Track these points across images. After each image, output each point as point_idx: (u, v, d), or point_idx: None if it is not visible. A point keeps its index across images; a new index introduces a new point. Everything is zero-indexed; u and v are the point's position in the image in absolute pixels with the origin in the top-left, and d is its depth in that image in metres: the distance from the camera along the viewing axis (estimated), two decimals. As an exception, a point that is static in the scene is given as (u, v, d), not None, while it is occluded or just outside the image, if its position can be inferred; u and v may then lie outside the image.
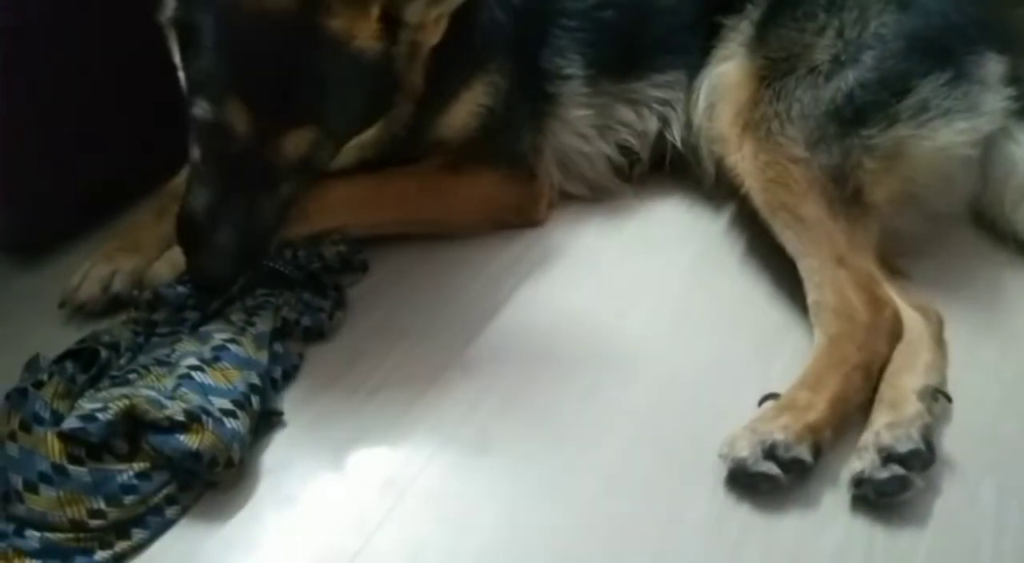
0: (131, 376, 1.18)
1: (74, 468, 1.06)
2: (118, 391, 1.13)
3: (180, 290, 1.32)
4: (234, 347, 1.21)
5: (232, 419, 1.12)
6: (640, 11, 1.65)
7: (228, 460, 1.10)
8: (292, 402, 1.26)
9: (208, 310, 1.30)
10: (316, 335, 1.35)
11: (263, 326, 1.27)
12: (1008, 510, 1.14)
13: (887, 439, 1.13)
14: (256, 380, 1.19)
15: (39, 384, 1.12)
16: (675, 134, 1.68)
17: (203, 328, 1.27)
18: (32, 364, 1.18)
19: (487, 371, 1.31)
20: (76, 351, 1.20)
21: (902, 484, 1.11)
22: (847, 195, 1.38)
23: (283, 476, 1.16)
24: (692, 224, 1.65)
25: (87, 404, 1.11)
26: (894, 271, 1.42)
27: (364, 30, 1.21)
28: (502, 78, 1.52)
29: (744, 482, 1.14)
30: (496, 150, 1.56)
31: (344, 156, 1.34)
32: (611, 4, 1.62)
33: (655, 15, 1.65)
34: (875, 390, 1.24)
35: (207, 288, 1.29)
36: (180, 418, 1.09)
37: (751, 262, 1.54)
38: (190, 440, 1.08)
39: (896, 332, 1.29)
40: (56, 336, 1.29)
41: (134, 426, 1.10)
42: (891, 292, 1.34)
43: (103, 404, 1.09)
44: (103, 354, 1.21)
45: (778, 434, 1.14)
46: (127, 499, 1.07)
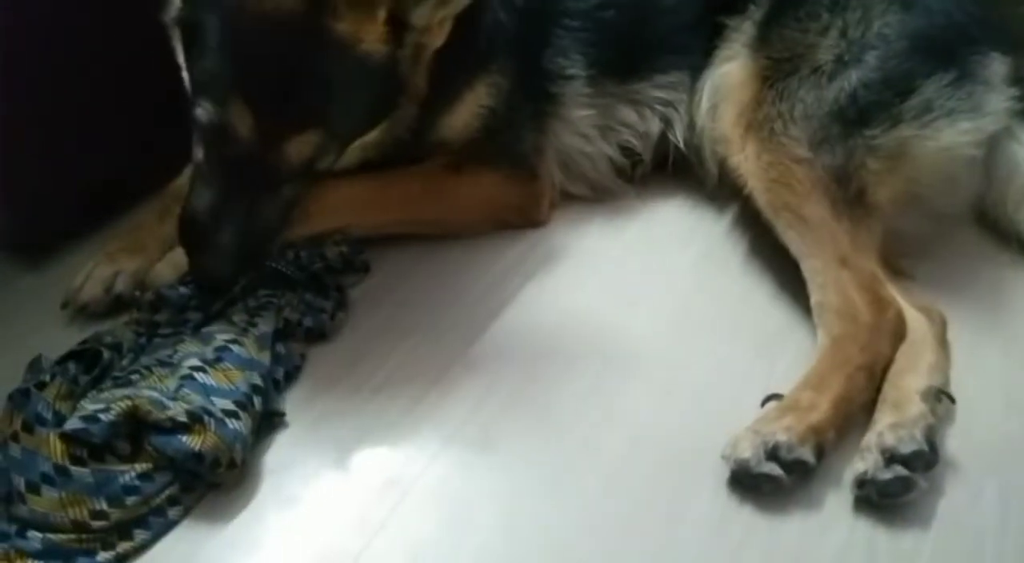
0: (133, 377, 1.18)
1: (76, 469, 1.06)
2: (120, 392, 1.13)
3: (182, 291, 1.32)
4: (236, 348, 1.21)
5: (234, 420, 1.12)
6: (642, 11, 1.64)
7: (230, 461, 1.10)
8: (294, 403, 1.26)
9: (210, 311, 1.30)
10: (318, 336, 1.35)
11: (265, 327, 1.27)
12: (1011, 511, 1.14)
13: (890, 440, 1.13)
14: (258, 381, 1.19)
15: (41, 385, 1.12)
16: (677, 135, 1.68)
17: (205, 329, 1.27)
18: (34, 365, 1.18)
19: (489, 371, 1.31)
20: (78, 352, 1.20)
21: (905, 485, 1.11)
22: (850, 196, 1.38)
23: (285, 477, 1.16)
24: (695, 225, 1.65)
25: (89, 405, 1.11)
26: (897, 272, 1.42)
27: (370, 33, 1.20)
28: (504, 78, 1.52)
29: (747, 483, 1.14)
30: (498, 150, 1.55)
31: (346, 157, 1.34)
32: (613, 4, 1.61)
33: (657, 15, 1.65)
34: (878, 391, 1.24)
35: (209, 288, 1.29)
36: (182, 419, 1.09)
37: (754, 263, 1.54)
38: (192, 441, 1.08)
39: (899, 333, 1.29)
40: (58, 337, 1.29)
41: (136, 427, 1.10)
42: (894, 293, 1.33)
43: (105, 405, 1.10)
44: (105, 355, 1.21)
45: (781, 435, 1.14)
46: (129, 500, 1.07)
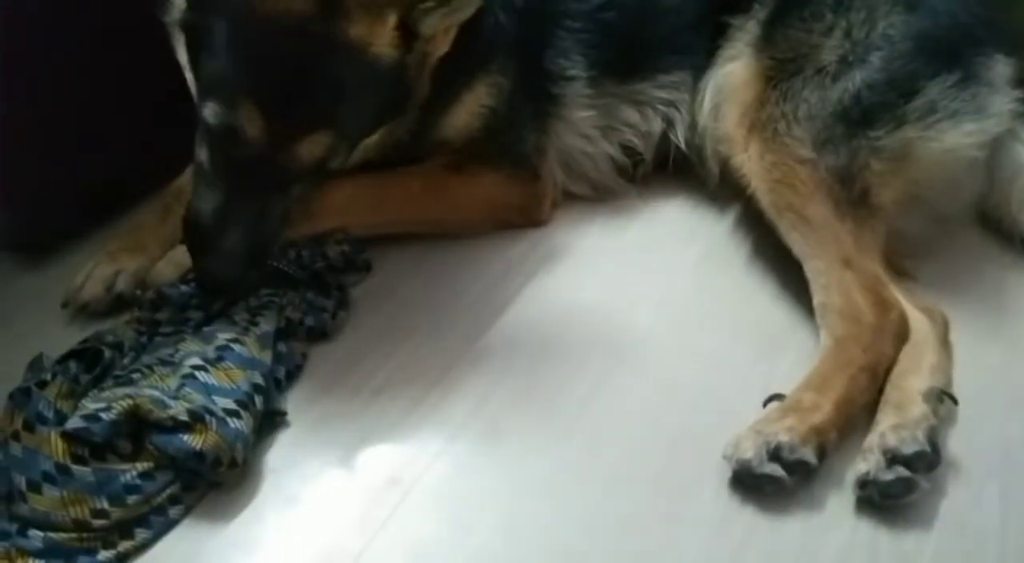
0: (135, 376, 1.18)
1: (77, 468, 1.06)
2: (122, 391, 1.13)
3: (184, 289, 1.31)
4: (238, 347, 1.21)
5: (236, 419, 1.11)
6: (644, 11, 1.64)
7: (231, 460, 1.09)
8: (295, 402, 1.26)
9: (212, 310, 1.30)
10: (320, 335, 1.35)
11: (267, 326, 1.27)
12: (1013, 512, 1.14)
13: (892, 441, 1.13)
14: (260, 380, 1.19)
15: (43, 384, 1.12)
16: (679, 135, 1.68)
17: (207, 328, 1.26)
18: (36, 364, 1.18)
19: (490, 371, 1.31)
20: (79, 351, 1.20)
21: (907, 486, 1.11)
22: (854, 196, 1.38)
23: (286, 476, 1.16)
24: (696, 225, 1.65)
25: (91, 404, 1.11)
26: (900, 273, 1.41)
27: (381, 37, 1.20)
28: (504, 79, 1.52)
29: (748, 483, 1.14)
30: (499, 150, 1.55)
31: (349, 157, 1.34)
32: (615, 5, 1.61)
33: (659, 15, 1.64)
34: (880, 392, 1.23)
35: (214, 290, 1.28)
36: (184, 418, 1.08)
37: (756, 263, 1.53)
38: (193, 440, 1.08)
39: (902, 334, 1.29)
40: (59, 336, 1.29)
41: (137, 426, 1.10)
42: (897, 294, 1.33)
43: (107, 404, 1.09)
44: (107, 354, 1.20)
45: (783, 436, 1.14)
46: (130, 499, 1.07)
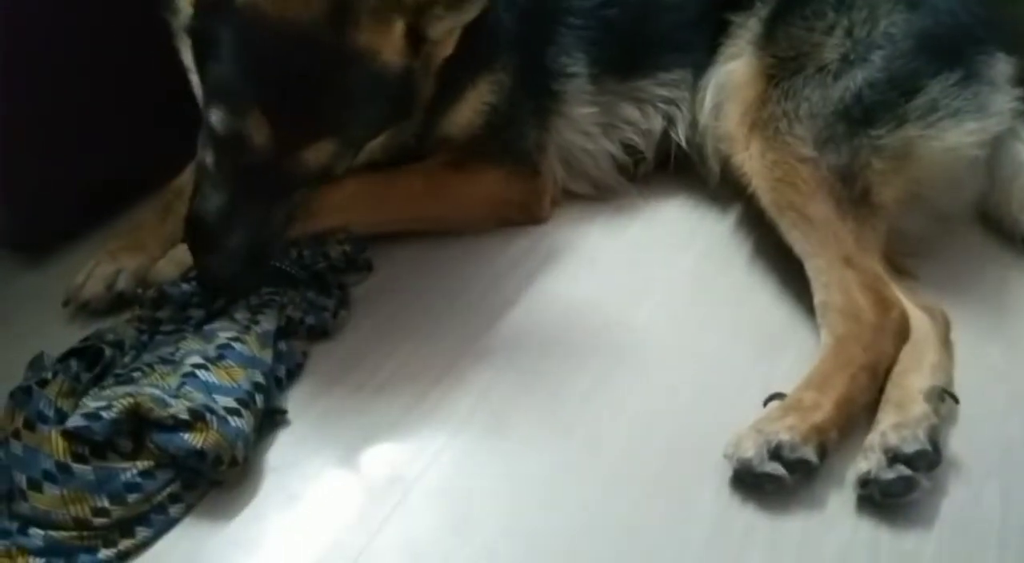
0: (135, 374, 1.18)
1: (78, 466, 1.06)
2: (122, 389, 1.13)
3: (185, 288, 1.31)
4: (238, 345, 1.21)
5: (236, 417, 1.11)
6: (646, 9, 1.64)
7: (232, 458, 1.09)
8: (296, 401, 1.26)
9: (212, 308, 1.30)
10: (320, 334, 1.35)
11: (267, 324, 1.27)
12: (1013, 511, 1.14)
13: (893, 440, 1.13)
14: (260, 378, 1.19)
15: (43, 382, 1.12)
16: (680, 133, 1.68)
17: (207, 326, 1.26)
18: (36, 362, 1.18)
19: (491, 370, 1.31)
20: (80, 349, 1.20)
21: (908, 485, 1.11)
22: (855, 195, 1.37)
23: (287, 474, 1.16)
24: (697, 223, 1.65)
25: (91, 402, 1.11)
26: (901, 271, 1.41)
27: (389, 44, 1.19)
28: (507, 76, 1.52)
29: (749, 482, 1.14)
30: (500, 147, 1.55)
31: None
32: (617, 2, 1.61)
33: (661, 12, 1.64)
34: (881, 391, 1.23)
35: (214, 290, 1.28)
36: (184, 416, 1.08)
37: (757, 261, 1.53)
38: (194, 438, 1.08)
39: (903, 333, 1.29)
40: (60, 334, 1.29)
41: (138, 424, 1.10)
42: (898, 293, 1.33)
43: (107, 402, 1.09)
44: (107, 352, 1.20)
45: (784, 435, 1.14)
46: (131, 497, 1.07)
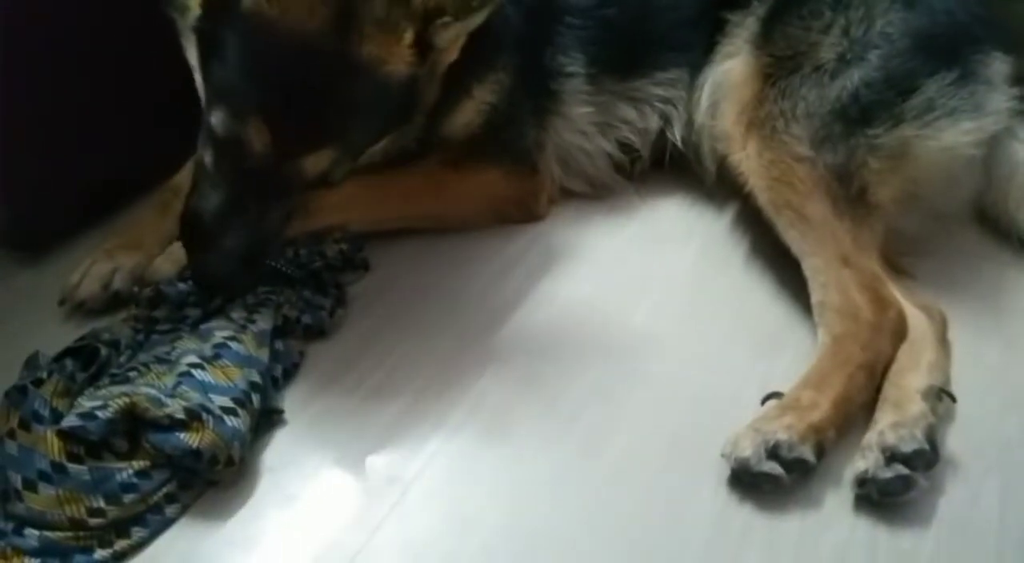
0: (131, 374, 1.17)
1: (73, 466, 1.05)
2: (118, 389, 1.13)
3: (181, 287, 1.31)
4: (235, 345, 1.21)
5: (232, 417, 1.11)
6: (643, 8, 1.64)
7: (228, 458, 1.09)
8: (293, 400, 1.25)
9: (209, 307, 1.29)
10: (317, 333, 1.34)
11: (264, 324, 1.27)
12: (1011, 510, 1.14)
13: (891, 439, 1.13)
14: (257, 378, 1.18)
15: (39, 382, 1.12)
16: (676, 132, 1.68)
17: (204, 325, 1.26)
18: (31, 362, 1.17)
19: (489, 369, 1.31)
20: (76, 349, 1.19)
21: (906, 484, 1.11)
22: (852, 194, 1.38)
23: (284, 474, 1.15)
24: (694, 222, 1.65)
25: (87, 402, 1.10)
26: (898, 270, 1.41)
27: (396, 54, 1.19)
28: (507, 76, 1.52)
29: (747, 481, 1.14)
30: (500, 146, 1.55)
31: None
32: (615, 2, 1.61)
33: (658, 12, 1.65)
34: (879, 390, 1.23)
35: (209, 289, 1.28)
36: (180, 416, 1.08)
37: (754, 261, 1.53)
38: (190, 438, 1.08)
39: (900, 332, 1.29)
40: (56, 333, 1.29)
41: (134, 424, 1.10)
42: (895, 292, 1.33)
43: (103, 402, 1.09)
44: (103, 352, 1.20)
45: (781, 434, 1.13)
46: (127, 497, 1.06)
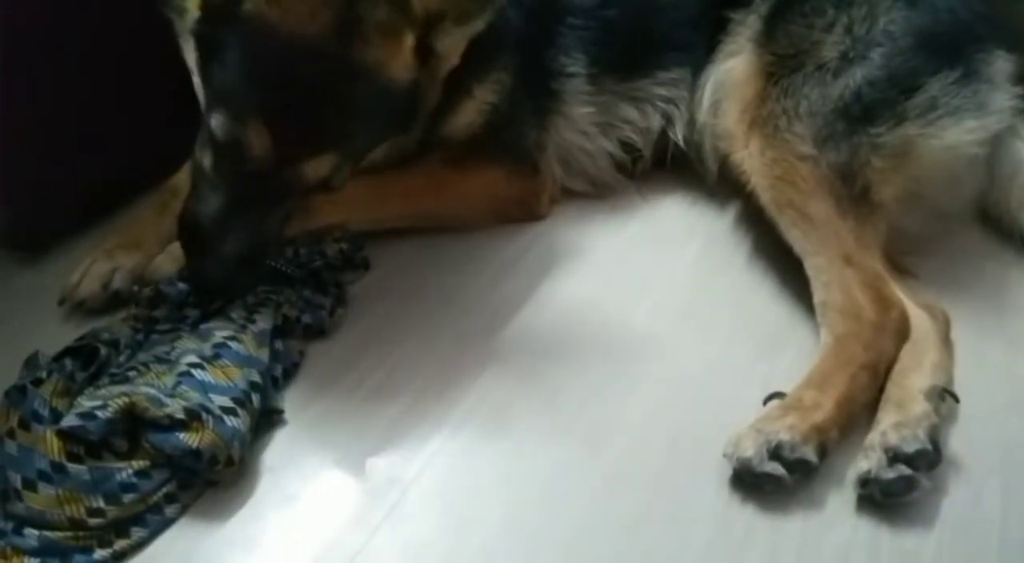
0: (131, 374, 1.17)
1: (73, 466, 1.05)
2: (118, 389, 1.13)
3: (181, 287, 1.30)
4: (235, 344, 1.20)
5: (232, 417, 1.11)
6: (645, 8, 1.63)
7: (228, 458, 1.09)
8: (293, 400, 1.25)
9: (209, 307, 1.29)
10: (317, 332, 1.34)
11: (264, 323, 1.26)
12: (1013, 510, 1.14)
13: (894, 439, 1.13)
14: (257, 378, 1.18)
15: (38, 382, 1.12)
16: (678, 132, 1.67)
17: (204, 325, 1.26)
18: (31, 361, 1.17)
19: (489, 368, 1.31)
20: (75, 348, 1.19)
21: (909, 484, 1.11)
22: (855, 193, 1.37)
23: (283, 474, 1.15)
24: (695, 221, 1.64)
25: (86, 402, 1.10)
26: (901, 270, 1.41)
27: (398, 60, 1.18)
28: (508, 75, 1.52)
29: (749, 482, 1.14)
30: (501, 146, 1.55)
31: None
32: (616, 2, 1.61)
33: (659, 11, 1.64)
34: (882, 390, 1.23)
35: (206, 291, 1.28)
36: (180, 416, 1.08)
37: (756, 260, 1.53)
38: (190, 438, 1.07)
39: (903, 332, 1.28)
40: (55, 333, 1.28)
41: (134, 424, 1.09)
42: (898, 291, 1.33)
43: (102, 402, 1.09)
44: (103, 351, 1.20)
45: (784, 434, 1.13)
46: (126, 497, 1.06)
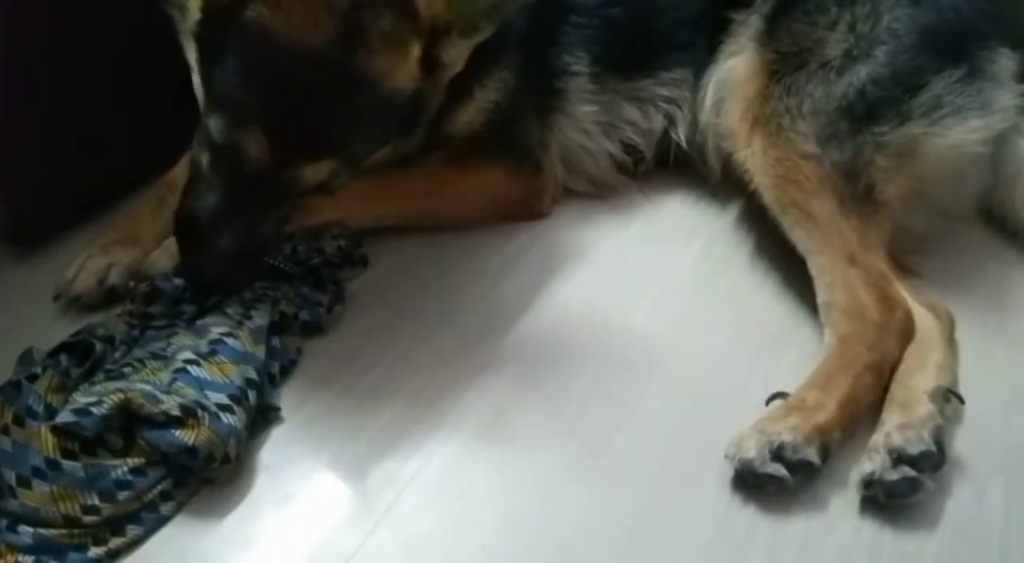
0: (126, 370, 1.17)
1: (68, 463, 1.04)
2: (113, 385, 1.12)
3: (177, 283, 1.30)
4: (231, 341, 1.20)
5: (228, 414, 1.10)
6: (648, 7, 1.63)
7: (224, 456, 1.08)
8: (289, 397, 1.24)
9: (205, 303, 1.28)
10: (314, 329, 1.34)
11: (261, 320, 1.26)
12: (1017, 511, 1.13)
13: (898, 440, 1.12)
14: (253, 375, 1.17)
15: (33, 377, 1.11)
16: (680, 133, 1.67)
17: (200, 321, 1.25)
18: (26, 357, 1.17)
19: (488, 367, 1.30)
20: (71, 344, 1.19)
21: (913, 486, 1.10)
22: (859, 192, 1.37)
23: (280, 472, 1.14)
24: (697, 221, 1.64)
25: (81, 398, 1.10)
26: (905, 269, 1.41)
27: (402, 70, 1.18)
28: (511, 74, 1.51)
29: (751, 483, 1.13)
30: (503, 144, 1.55)
31: None
32: (619, 1, 1.60)
33: (662, 11, 1.64)
34: (886, 390, 1.22)
35: (202, 287, 1.27)
36: (176, 413, 1.07)
37: (759, 260, 1.52)
38: (186, 435, 1.07)
39: (907, 332, 1.28)
40: (51, 329, 1.28)
41: (129, 421, 1.09)
42: (902, 291, 1.32)
43: (97, 398, 1.08)
44: (98, 347, 1.19)
45: (786, 435, 1.12)
46: (121, 495, 1.05)
